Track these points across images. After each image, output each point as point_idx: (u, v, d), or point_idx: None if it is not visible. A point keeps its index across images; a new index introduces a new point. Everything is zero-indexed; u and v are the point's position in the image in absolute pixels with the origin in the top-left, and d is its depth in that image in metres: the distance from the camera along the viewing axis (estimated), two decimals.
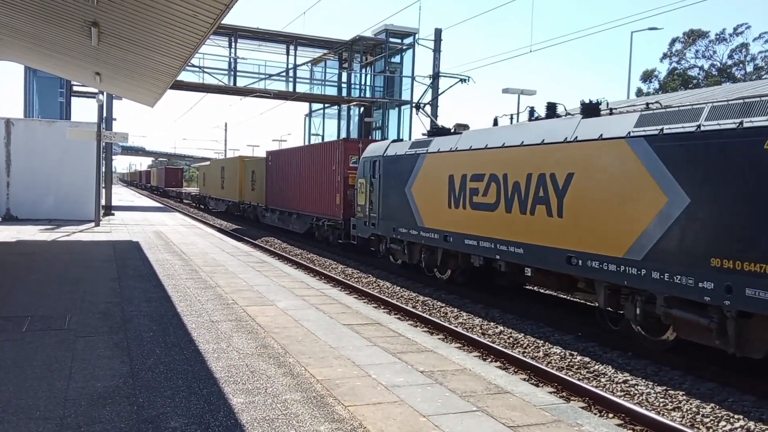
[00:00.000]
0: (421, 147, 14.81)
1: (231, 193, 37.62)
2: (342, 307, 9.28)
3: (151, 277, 11.15)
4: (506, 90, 29.79)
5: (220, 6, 9.57)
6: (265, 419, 4.74)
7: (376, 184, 16.59)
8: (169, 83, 18.00)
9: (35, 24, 13.73)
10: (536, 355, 9.30)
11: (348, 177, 19.71)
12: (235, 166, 36.67)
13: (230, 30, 35.91)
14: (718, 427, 6.64)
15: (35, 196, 22.62)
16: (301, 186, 24.33)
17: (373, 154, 17.15)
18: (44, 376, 5.55)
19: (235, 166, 36.67)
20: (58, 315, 7.92)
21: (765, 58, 59.32)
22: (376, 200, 16.56)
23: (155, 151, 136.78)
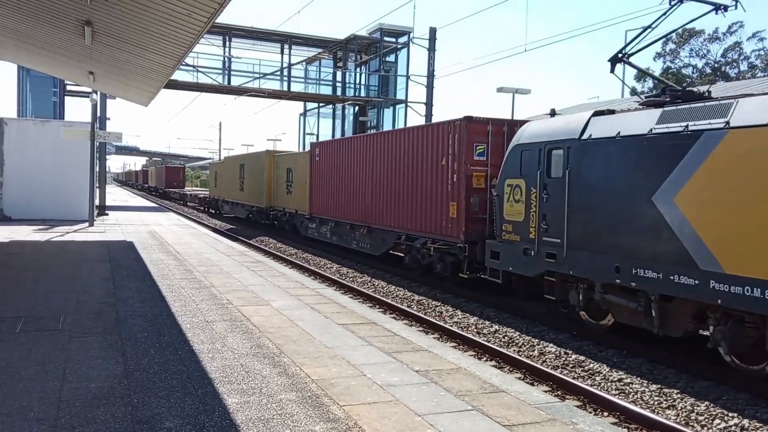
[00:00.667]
0: (702, 117, 8.12)
1: (255, 197, 30.32)
2: (337, 307, 9.28)
3: (145, 277, 11.12)
4: (501, 89, 29.80)
5: (213, 5, 9.54)
6: (260, 419, 4.73)
7: (557, 187, 10.40)
8: (163, 82, 17.94)
9: (28, 23, 13.67)
10: (531, 354, 9.32)
11: (472, 175, 13.29)
12: (261, 164, 29.34)
13: (224, 29, 35.83)
14: (712, 425, 6.66)
15: (29, 196, 22.51)
16: (379, 189, 17.35)
17: (543, 138, 10.90)
18: (38, 377, 5.52)
19: (261, 164, 29.34)
20: (51, 316, 7.89)
21: (759, 56, 59.57)
22: (557, 215, 10.35)
23: (149, 151, 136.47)
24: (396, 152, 16.58)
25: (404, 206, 16.05)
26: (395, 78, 40.17)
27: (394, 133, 17.55)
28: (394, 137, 16.99)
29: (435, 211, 14.39)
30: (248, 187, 31.91)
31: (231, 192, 35.77)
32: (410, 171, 15.70)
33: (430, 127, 15.20)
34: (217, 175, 40.59)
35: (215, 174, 41.48)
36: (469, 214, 13.23)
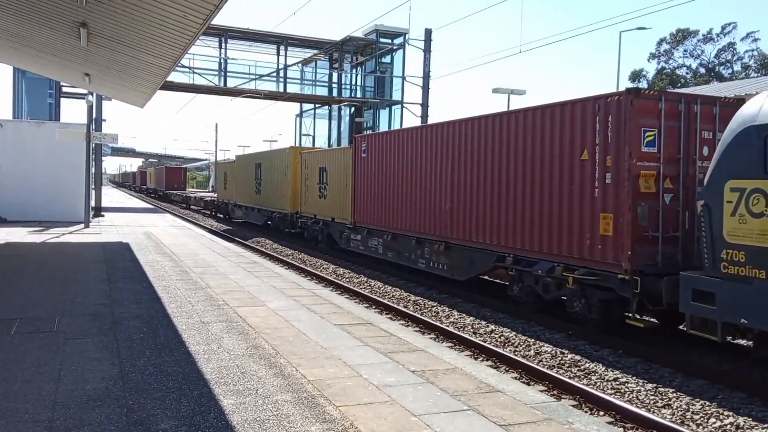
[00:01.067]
0: None
1: (276, 201, 26.42)
2: (333, 308, 9.28)
3: (141, 279, 11.10)
4: (496, 90, 29.86)
5: (209, 6, 9.54)
6: (256, 420, 4.73)
7: None
8: (158, 84, 17.92)
9: (23, 25, 13.65)
10: (527, 353, 9.33)
11: (640, 174, 9.30)
12: (284, 162, 25.44)
13: (220, 30, 35.83)
14: (708, 423, 6.68)
15: (24, 197, 22.45)
16: (466, 192, 13.21)
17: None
18: (33, 378, 5.51)
19: (284, 162, 25.44)
20: (47, 317, 7.87)
21: (752, 57, 59.78)
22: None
23: (145, 152, 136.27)
24: (497, 143, 12.22)
25: (512, 217, 11.73)
26: (391, 79, 40.21)
27: (495, 119, 12.40)
28: (495, 124, 12.35)
29: (571, 226, 10.32)
30: (268, 189, 28.04)
31: (245, 195, 31.42)
32: (522, 168, 11.51)
33: (560, 108, 10.66)
34: (227, 175, 36.28)
35: (225, 174, 37.04)
36: (636, 232, 9.14)
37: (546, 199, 10.92)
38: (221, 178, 38.36)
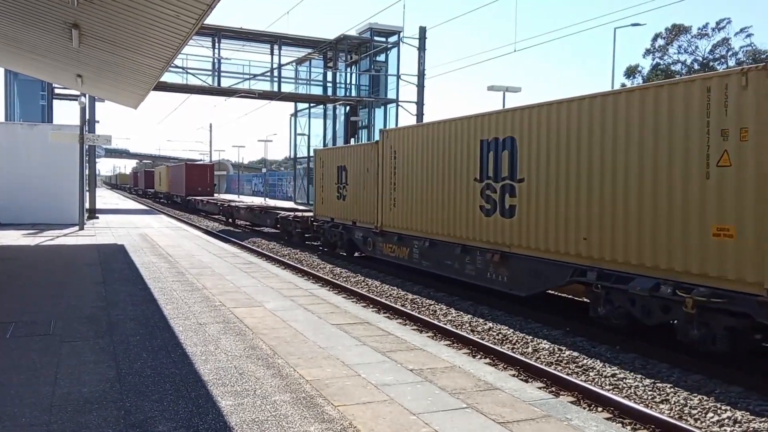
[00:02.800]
0: None
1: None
2: (330, 307, 9.26)
3: (136, 281, 11.06)
4: (491, 87, 29.88)
5: (202, 6, 9.50)
6: (255, 421, 4.71)
7: None
8: (152, 84, 17.85)
9: (14, 26, 13.57)
10: (525, 351, 9.33)
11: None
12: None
13: (213, 30, 35.76)
14: (705, 418, 6.69)
15: (17, 200, 22.35)
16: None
17: None
18: (29, 382, 5.48)
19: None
20: (42, 320, 7.83)
21: (746, 52, 59.96)
22: None
23: (139, 153, 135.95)
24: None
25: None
26: (386, 78, 40.21)
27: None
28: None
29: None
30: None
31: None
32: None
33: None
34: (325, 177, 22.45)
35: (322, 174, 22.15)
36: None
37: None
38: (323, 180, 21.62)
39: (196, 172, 48.47)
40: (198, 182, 47.30)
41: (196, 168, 50.13)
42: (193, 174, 47.69)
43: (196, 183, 47.21)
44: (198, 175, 47.96)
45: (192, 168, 49.35)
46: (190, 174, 47.77)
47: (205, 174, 48.88)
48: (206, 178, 48.45)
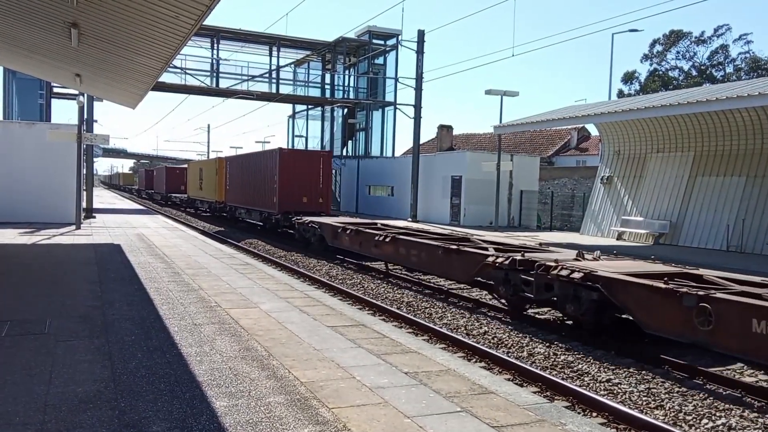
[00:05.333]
0: None
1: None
2: (326, 309, 9.26)
3: (132, 280, 11.04)
4: (489, 91, 29.94)
5: (201, 7, 9.51)
6: (249, 422, 4.71)
7: None
8: (150, 84, 17.85)
9: (13, 25, 13.56)
10: (520, 355, 9.34)
11: None
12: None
13: (212, 31, 35.78)
14: (700, 424, 6.70)
15: (14, 198, 22.32)
16: None
17: None
18: (24, 381, 5.46)
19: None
20: (37, 319, 7.81)
21: (745, 59, 60.14)
22: None
23: (137, 153, 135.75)
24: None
25: None
26: (384, 80, 40.27)
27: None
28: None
29: None
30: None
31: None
32: None
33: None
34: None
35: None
36: None
37: None
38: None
39: (303, 164, 25.10)
40: (307, 187, 25.23)
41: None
42: (299, 166, 24.92)
43: (301, 188, 25.21)
44: (306, 170, 25.01)
45: (297, 156, 26.21)
46: (258, 164, 27.45)
47: (317, 169, 25.22)
48: (318, 181, 25.35)
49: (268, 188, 26.41)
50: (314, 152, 28.28)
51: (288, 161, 25.35)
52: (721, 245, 22.24)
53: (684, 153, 24.67)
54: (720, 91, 21.48)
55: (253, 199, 29.00)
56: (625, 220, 26.18)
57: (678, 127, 24.45)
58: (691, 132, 24.16)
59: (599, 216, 28.12)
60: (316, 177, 25.70)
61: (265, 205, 26.84)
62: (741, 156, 22.55)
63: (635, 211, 26.12)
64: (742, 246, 21.62)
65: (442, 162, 36.17)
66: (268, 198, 26.56)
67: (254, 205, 28.79)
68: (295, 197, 25.18)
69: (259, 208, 27.99)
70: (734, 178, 22.65)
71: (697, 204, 23.72)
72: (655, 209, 25.23)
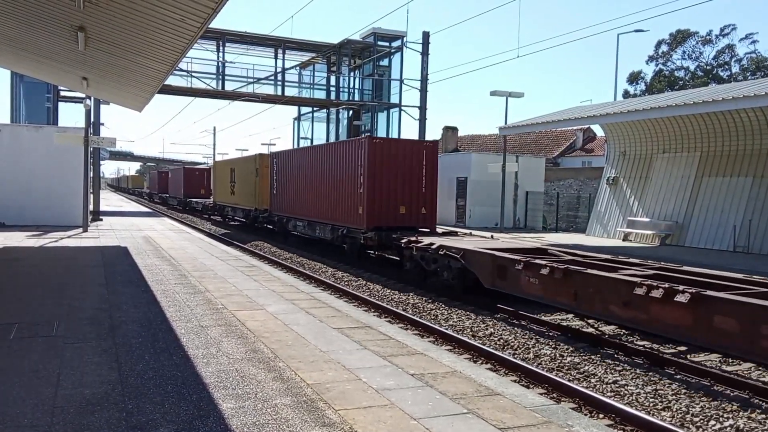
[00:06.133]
0: None
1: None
2: (332, 311, 9.27)
3: (139, 283, 11.08)
4: (494, 92, 29.91)
5: (207, 10, 9.55)
6: (255, 424, 4.72)
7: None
8: (156, 87, 17.92)
9: (21, 29, 13.64)
10: (526, 356, 9.33)
11: None
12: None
13: (218, 34, 35.88)
14: (707, 426, 6.68)
15: (22, 201, 22.43)
16: None
17: None
18: (32, 383, 5.50)
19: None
20: (45, 322, 7.85)
21: (751, 59, 59.90)
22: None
23: (143, 156, 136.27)
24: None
25: None
26: (389, 82, 40.28)
27: None
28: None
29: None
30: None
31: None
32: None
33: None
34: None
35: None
36: None
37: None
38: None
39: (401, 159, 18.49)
40: (405, 193, 18.48)
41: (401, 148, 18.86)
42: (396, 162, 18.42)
43: (398, 194, 18.44)
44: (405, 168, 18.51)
45: (393, 147, 18.79)
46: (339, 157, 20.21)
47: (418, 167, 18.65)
48: (420, 184, 18.70)
49: (348, 193, 19.01)
50: (415, 143, 19.76)
51: (380, 155, 17.96)
52: (727, 246, 22.14)
53: (690, 153, 24.58)
54: (726, 91, 21.40)
55: (319, 209, 21.60)
56: (631, 221, 26.09)
57: (684, 127, 24.37)
58: (697, 132, 24.08)
59: (605, 217, 28.03)
60: (418, 177, 18.41)
61: (343, 218, 19.47)
62: (747, 156, 22.45)
63: (641, 212, 26.03)
64: (749, 246, 21.51)
65: (447, 163, 36.06)
66: (347, 207, 19.13)
67: (322, 217, 21.33)
68: (390, 207, 17.99)
69: (330, 221, 20.56)
70: (741, 178, 22.56)
71: (704, 205, 23.63)
72: (661, 210, 25.12)
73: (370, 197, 17.87)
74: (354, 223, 18.66)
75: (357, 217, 18.40)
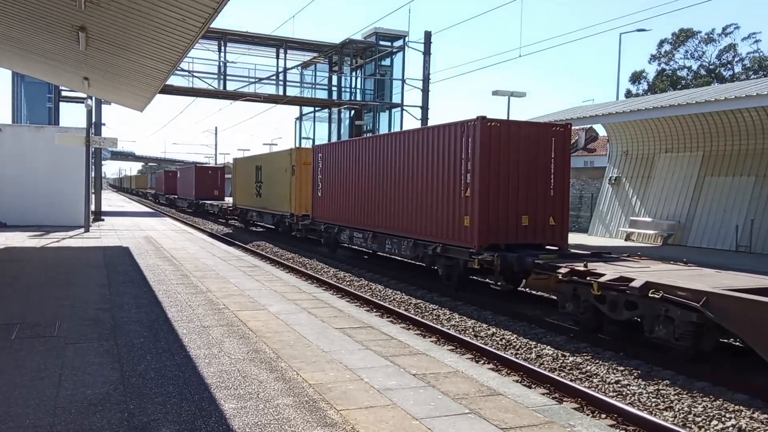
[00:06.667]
0: None
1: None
2: (334, 311, 9.26)
3: (141, 283, 11.08)
4: (496, 92, 29.88)
5: (208, 10, 9.55)
6: (257, 424, 4.72)
7: None
8: (158, 88, 17.93)
9: (22, 29, 13.65)
10: (528, 356, 9.31)
11: None
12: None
13: (219, 34, 35.87)
14: (709, 426, 6.66)
15: (24, 202, 22.45)
16: None
17: None
18: (33, 383, 5.50)
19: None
20: (47, 322, 7.86)
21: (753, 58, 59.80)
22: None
23: (145, 156, 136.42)
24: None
25: None
26: (391, 82, 40.25)
27: None
28: None
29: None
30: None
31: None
32: None
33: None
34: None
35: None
36: None
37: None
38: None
39: (522, 150, 13.38)
40: (529, 197, 13.55)
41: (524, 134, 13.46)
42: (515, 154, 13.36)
43: (520, 198, 13.45)
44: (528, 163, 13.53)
45: (513, 133, 13.33)
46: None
47: (546, 160, 13.70)
48: (547, 184, 13.73)
49: (444, 198, 14.17)
50: (541, 126, 14.20)
51: (497, 144, 13.06)
52: (730, 246, 22.09)
53: (693, 153, 24.54)
54: (729, 90, 21.36)
55: (392, 218, 16.81)
56: (633, 221, 26.05)
57: (686, 127, 24.33)
58: (699, 132, 24.04)
59: (607, 217, 27.99)
60: (545, 175, 13.59)
61: (435, 231, 14.59)
62: (750, 156, 22.40)
63: (643, 212, 25.99)
64: (752, 246, 21.47)
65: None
66: (442, 216, 14.29)
67: (397, 228, 16.52)
68: (510, 216, 13.27)
69: (412, 234, 15.66)
70: (743, 177, 22.51)
71: (706, 204, 23.59)
72: (664, 210, 25.08)
73: (482, 203, 13.00)
74: (455, 238, 13.79)
75: (461, 230, 13.53)
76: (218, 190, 43.64)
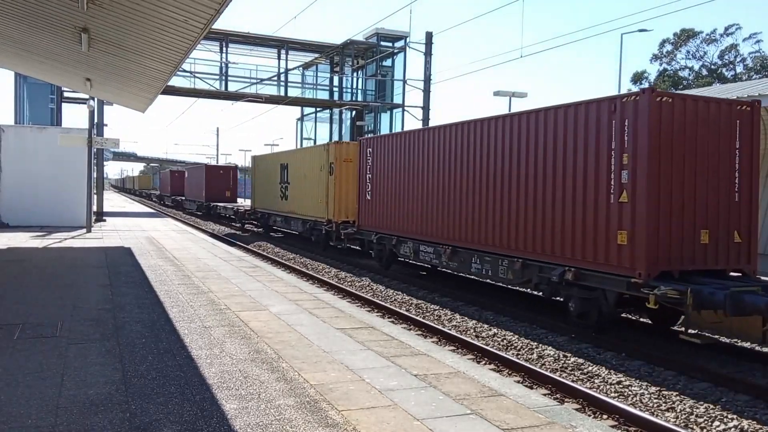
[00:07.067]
0: None
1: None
2: (335, 312, 9.27)
3: (143, 283, 11.10)
4: (497, 93, 29.89)
5: (210, 11, 9.56)
6: (259, 425, 4.72)
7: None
8: (160, 88, 17.96)
9: (25, 30, 13.68)
10: (530, 357, 9.31)
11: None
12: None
13: (221, 35, 35.92)
14: (711, 427, 6.66)
15: (26, 202, 22.48)
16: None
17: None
18: (36, 383, 5.51)
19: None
20: (49, 322, 7.87)
21: (755, 58, 59.76)
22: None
23: (147, 157, 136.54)
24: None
25: None
26: (392, 82, 40.28)
27: None
28: None
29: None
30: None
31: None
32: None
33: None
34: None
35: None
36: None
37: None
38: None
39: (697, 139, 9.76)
40: (709, 204, 9.91)
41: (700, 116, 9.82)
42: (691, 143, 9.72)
43: (698, 206, 9.80)
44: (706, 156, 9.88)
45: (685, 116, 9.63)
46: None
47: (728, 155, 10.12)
48: (731, 188, 10.21)
49: (586, 205, 10.39)
50: (724, 104, 10.14)
51: (668, 129, 9.53)
52: None
53: None
54: (730, 90, 21.32)
55: (479, 229, 13.26)
56: None
57: None
58: None
59: None
60: (728, 172, 10.21)
61: (570, 252, 10.67)
62: None
63: None
64: None
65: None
66: (581, 231, 10.46)
67: (488, 244, 12.94)
68: (685, 231, 9.73)
69: (514, 252, 12.11)
70: None
71: None
72: None
73: (651, 213, 9.38)
74: (599, 261, 10.09)
75: (610, 250, 9.87)
76: (230, 191, 40.82)
